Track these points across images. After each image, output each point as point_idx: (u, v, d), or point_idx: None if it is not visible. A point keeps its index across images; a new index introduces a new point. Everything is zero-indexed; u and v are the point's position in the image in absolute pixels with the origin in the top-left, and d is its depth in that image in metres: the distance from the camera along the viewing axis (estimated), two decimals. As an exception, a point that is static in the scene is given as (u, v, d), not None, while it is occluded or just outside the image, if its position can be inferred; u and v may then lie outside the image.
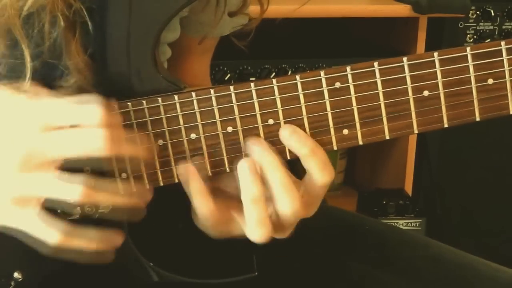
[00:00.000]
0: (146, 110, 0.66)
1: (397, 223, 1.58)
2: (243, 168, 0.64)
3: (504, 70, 0.65)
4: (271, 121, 0.66)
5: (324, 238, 0.86)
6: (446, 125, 0.66)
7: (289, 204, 0.64)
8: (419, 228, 1.59)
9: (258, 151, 0.65)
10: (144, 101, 0.66)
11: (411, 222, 1.59)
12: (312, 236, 0.83)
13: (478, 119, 0.66)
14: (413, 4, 1.49)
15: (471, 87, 0.65)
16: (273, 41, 1.46)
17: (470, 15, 1.63)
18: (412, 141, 1.61)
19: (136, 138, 0.64)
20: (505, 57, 0.65)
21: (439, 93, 0.65)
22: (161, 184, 0.67)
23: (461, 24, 1.64)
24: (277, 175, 0.64)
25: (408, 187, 1.64)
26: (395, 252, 0.84)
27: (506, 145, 1.73)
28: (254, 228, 0.64)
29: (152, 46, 0.66)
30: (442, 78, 0.65)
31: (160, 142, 0.66)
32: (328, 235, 0.86)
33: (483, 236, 1.74)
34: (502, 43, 0.64)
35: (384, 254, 0.84)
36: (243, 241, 0.67)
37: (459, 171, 1.74)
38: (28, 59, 0.63)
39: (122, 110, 0.65)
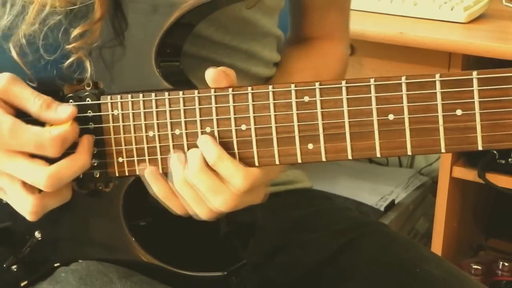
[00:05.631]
0: (141, 103, 0.73)
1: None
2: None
3: (474, 102, 0.61)
4: (243, 127, 0.69)
5: None
6: (409, 152, 0.63)
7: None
8: None
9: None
10: (140, 95, 0.73)
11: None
12: None
13: (443, 150, 0.62)
14: None
15: (438, 116, 0.62)
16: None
17: None
18: None
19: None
20: (475, 87, 0.60)
21: (404, 118, 0.63)
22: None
23: None
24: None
25: None
26: None
27: None
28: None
29: (155, 53, 0.73)
30: (408, 103, 0.63)
31: (150, 133, 0.72)
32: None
33: None
34: (474, 72, 0.60)
35: None
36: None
37: None
38: None
39: (123, 100, 0.73)
